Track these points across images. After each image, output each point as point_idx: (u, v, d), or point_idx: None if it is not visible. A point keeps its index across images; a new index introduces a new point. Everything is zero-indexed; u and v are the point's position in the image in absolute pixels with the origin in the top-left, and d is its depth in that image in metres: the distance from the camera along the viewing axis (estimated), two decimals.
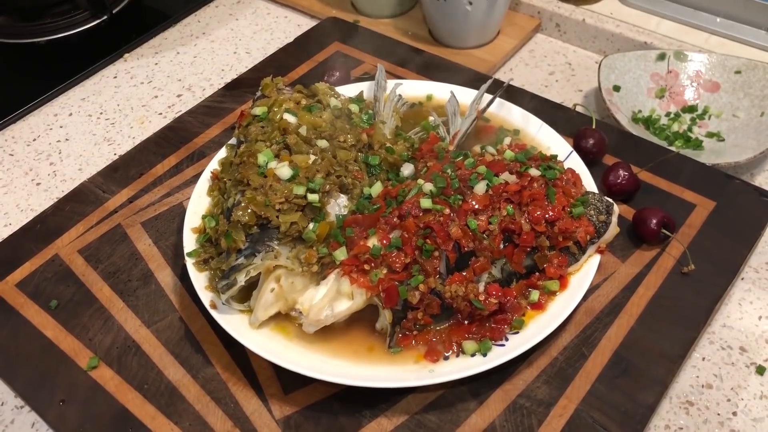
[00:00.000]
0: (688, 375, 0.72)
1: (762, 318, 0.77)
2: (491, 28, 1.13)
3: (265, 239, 0.70)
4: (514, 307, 0.69)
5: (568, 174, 0.76)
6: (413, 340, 0.68)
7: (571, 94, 1.08)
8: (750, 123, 0.96)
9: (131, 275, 0.79)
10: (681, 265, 0.76)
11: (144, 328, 0.74)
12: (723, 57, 1.02)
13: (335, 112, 0.83)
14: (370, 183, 0.77)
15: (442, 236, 0.68)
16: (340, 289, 0.68)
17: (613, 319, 0.72)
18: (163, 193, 0.88)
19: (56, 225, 0.86)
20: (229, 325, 0.69)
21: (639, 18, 1.15)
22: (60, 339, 0.74)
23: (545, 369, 0.68)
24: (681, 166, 0.86)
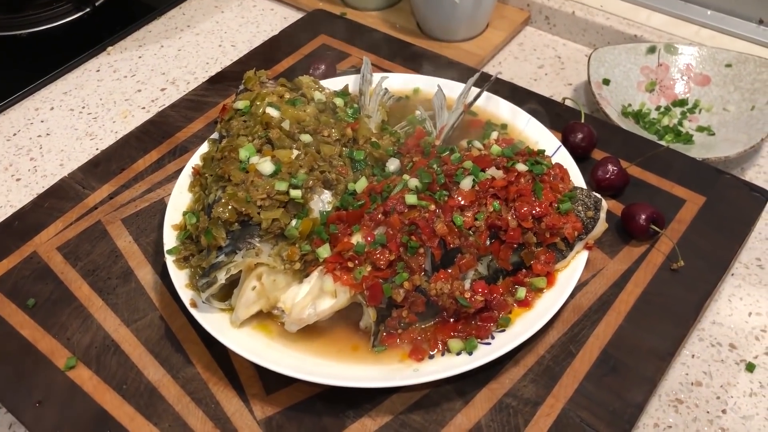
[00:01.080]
0: (677, 372, 0.71)
1: (752, 314, 0.76)
2: (480, 20, 1.11)
3: (246, 236, 0.68)
4: (500, 304, 0.68)
5: (556, 169, 0.75)
6: (398, 339, 0.67)
7: (560, 87, 1.07)
8: (741, 117, 0.95)
9: (111, 273, 0.78)
10: (670, 261, 0.75)
11: (123, 327, 0.73)
12: (714, 50, 1.01)
13: (319, 105, 0.81)
14: (355, 178, 0.76)
15: (427, 233, 0.67)
16: (324, 287, 0.66)
17: (602, 316, 0.71)
18: (144, 189, 0.87)
19: (35, 222, 0.84)
20: (209, 324, 0.67)
21: (629, 11, 1.13)
22: (37, 338, 0.73)
23: (532, 367, 0.67)
24: (671, 161, 0.85)
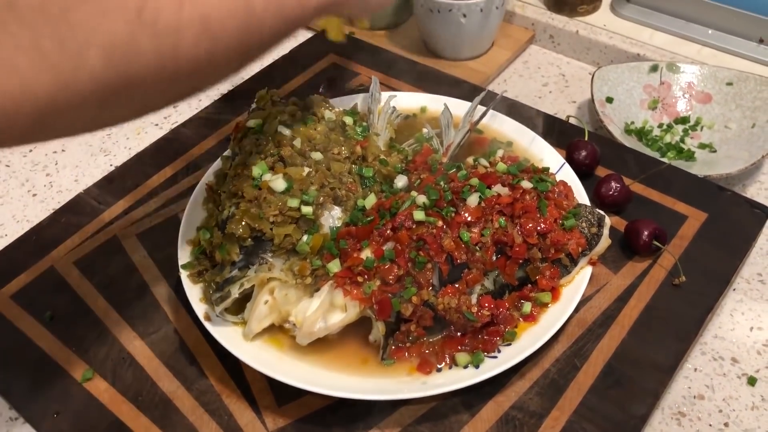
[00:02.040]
0: (680, 386, 0.72)
1: (753, 329, 0.77)
2: (485, 39, 1.14)
3: (259, 251, 0.70)
4: (506, 319, 0.70)
5: (560, 186, 0.76)
6: (406, 352, 0.69)
7: (564, 105, 1.09)
8: (742, 134, 0.97)
9: (126, 287, 0.80)
10: (672, 276, 0.76)
11: (138, 340, 0.75)
12: (715, 68, 1.03)
13: (330, 124, 0.83)
14: (364, 195, 0.78)
15: (434, 248, 0.68)
16: (334, 301, 0.68)
17: (605, 330, 0.72)
18: (158, 205, 0.89)
19: (52, 236, 0.86)
20: (222, 337, 0.69)
21: (632, 30, 1.16)
22: (54, 351, 0.75)
23: (537, 380, 0.69)
24: (673, 178, 0.86)
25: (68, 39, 0.38)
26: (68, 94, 0.40)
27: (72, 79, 0.39)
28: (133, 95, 0.45)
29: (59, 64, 0.38)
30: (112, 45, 0.40)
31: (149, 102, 0.48)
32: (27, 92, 0.38)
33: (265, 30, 0.53)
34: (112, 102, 0.44)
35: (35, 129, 0.41)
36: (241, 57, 0.52)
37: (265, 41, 0.54)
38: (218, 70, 0.51)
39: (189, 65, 0.47)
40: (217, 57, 0.49)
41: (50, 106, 0.40)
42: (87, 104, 0.42)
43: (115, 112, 0.46)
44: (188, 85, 0.50)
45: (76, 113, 0.42)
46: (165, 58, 0.44)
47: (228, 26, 0.48)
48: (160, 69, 0.44)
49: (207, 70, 0.49)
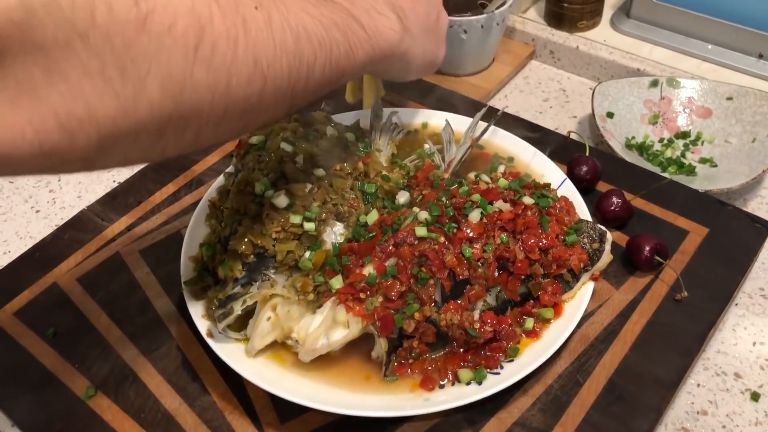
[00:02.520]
0: (683, 401, 0.72)
1: (756, 344, 0.77)
2: (486, 55, 1.15)
3: (261, 268, 0.70)
4: (509, 335, 0.70)
5: (562, 202, 0.77)
6: (409, 369, 0.69)
7: (565, 120, 1.09)
8: (742, 149, 0.97)
9: (129, 303, 0.80)
10: (674, 291, 0.76)
11: (141, 357, 0.75)
12: (715, 83, 1.03)
13: (332, 140, 0.84)
14: (366, 211, 0.78)
15: (437, 264, 0.68)
16: (336, 318, 0.68)
17: (608, 346, 0.72)
18: (161, 221, 0.89)
19: (55, 253, 0.87)
20: (225, 354, 0.69)
21: (632, 45, 1.16)
22: (57, 367, 0.75)
23: (540, 397, 0.69)
24: (674, 193, 0.87)
25: (130, 69, 0.41)
26: (128, 120, 0.42)
27: (132, 106, 0.42)
28: (187, 127, 0.47)
29: (121, 91, 0.41)
30: (170, 76, 0.43)
31: (202, 136, 0.49)
32: (91, 116, 0.41)
33: (313, 76, 0.55)
34: (167, 132, 0.46)
35: (96, 154, 0.43)
36: (289, 100, 0.54)
37: (312, 87, 0.56)
38: (267, 110, 0.53)
39: (240, 102, 0.49)
40: (267, 97, 0.51)
41: (111, 131, 0.42)
42: (144, 132, 0.44)
43: (169, 143, 0.48)
44: (239, 123, 0.52)
45: (134, 141, 0.44)
46: (218, 92, 0.47)
47: (279, 69, 0.51)
48: (213, 103, 0.47)
49: (257, 110, 0.52)
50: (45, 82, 0.39)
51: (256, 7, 0.49)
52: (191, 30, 0.44)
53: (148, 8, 0.41)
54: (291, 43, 0.51)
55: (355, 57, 0.60)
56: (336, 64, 0.57)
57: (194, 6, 0.44)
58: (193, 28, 0.44)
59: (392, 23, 0.65)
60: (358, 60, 0.60)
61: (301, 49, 0.52)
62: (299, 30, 0.52)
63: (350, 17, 0.60)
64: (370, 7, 0.63)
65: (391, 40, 0.65)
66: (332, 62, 0.57)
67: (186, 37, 0.43)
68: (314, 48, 0.54)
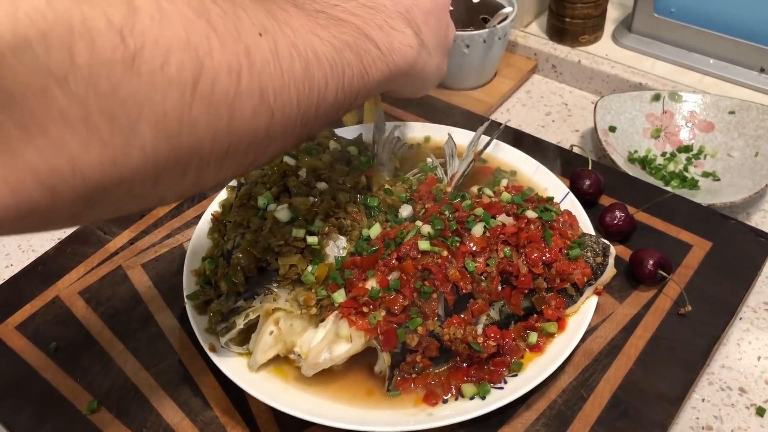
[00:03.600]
0: (687, 416, 0.72)
1: (761, 358, 0.77)
2: (488, 69, 1.15)
3: (264, 282, 0.70)
4: (512, 349, 0.69)
5: (565, 216, 0.77)
6: (412, 384, 0.69)
7: (567, 134, 1.09)
8: (745, 163, 0.97)
9: (131, 317, 0.80)
10: (678, 306, 0.76)
11: (143, 371, 0.75)
12: (717, 98, 1.03)
13: (335, 154, 0.84)
14: (369, 225, 0.78)
15: (440, 278, 0.68)
16: (339, 332, 0.68)
17: (612, 360, 0.72)
18: (163, 235, 0.89)
19: (57, 267, 0.87)
20: (227, 368, 0.69)
21: (634, 59, 1.17)
22: (59, 382, 0.74)
23: (544, 412, 0.68)
24: (677, 207, 0.86)
25: (118, 114, 0.37)
26: (118, 169, 0.38)
27: (122, 155, 0.38)
28: (186, 170, 0.42)
29: (109, 139, 0.37)
30: (165, 118, 0.39)
31: (203, 177, 0.45)
32: (75, 170, 0.36)
33: (325, 102, 0.51)
34: (164, 178, 0.41)
35: (84, 208, 0.39)
36: (299, 130, 0.50)
37: (324, 113, 0.52)
38: (275, 143, 0.49)
39: (246, 138, 0.45)
40: (275, 130, 0.47)
41: (100, 183, 0.38)
42: (138, 180, 0.40)
43: (168, 189, 0.43)
44: (244, 160, 0.47)
45: (127, 191, 0.40)
46: (220, 130, 0.42)
47: (287, 99, 0.47)
48: (214, 141, 0.42)
49: (264, 144, 0.47)
50: (20, 137, 0.34)
51: (260, 34, 0.44)
52: (188, 66, 0.39)
53: (137, 45, 0.36)
54: (300, 69, 0.47)
55: (369, 77, 0.56)
56: (349, 86, 0.54)
57: (190, 38, 0.39)
58: (190, 64, 0.39)
59: (408, 39, 0.62)
60: (373, 80, 0.57)
61: (311, 76, 0.48)
62: (308, 55, 0.48)
63: (363, 36, 0.56)
64: (384, 23, 0.60)
65: (408, 56, 0.62)
66: (345, 85, 0.53)
67: (182, 75, 0.39)
68: (325, 72, 0.50)
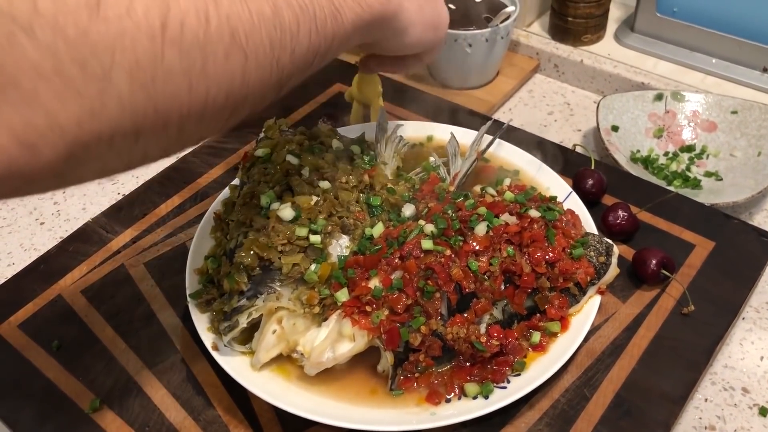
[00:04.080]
0: (690, 416, 0.72)
1: (764, 358, 0.77)
2: (491, 69, 1.15)
3: (267, 281, 0.70)
4: (515, 348, 0.69)
5: (568, 215, 0.76)
6: (415, 383, 0.68)
7: (570, 133, 1.09)
8: (747, 162, 0.97)
9: (133, 316, 0.80)
10: (681, 305, 0.76)
11: (146, 370, 0.74)
12: (719, 97, 1.03)
13: (337, 153, 0.84)
14: (372, 224, 0.78)
15: (443, 277, 0.68)
16: (342, 331, 0.68)
17: (615, 360, 0.72)
18: (166, 234, 0.89)
19: (60, 265, 0.87)
20: (230, 367, 0.69)
21: (636, 59, 1.17)
22: (61, 380, 0.74)
23: (547, 411, 0.68)
24: (680, 206, 0.86)
25: (90, 61, 0.36)
26: (97, 122, 0.37)
27: (99, 105, 0.37)
28: (167, 122, 0.42)
29: (84, 89, 0.36)
30: (138, 64, 0.38)
31: (186, 130, 0.44)
32: (53, 123, 0.35)
33: (299, 46, 0.50)
34: (145, 130, 0.41)
35: (66, 166, 0.38)
36: (276, 76, 0.49)
37: (300, 58, 0.51)
38: (254, 91, 0.48)
39: (223, 85, 0.44)
40: (251, 75, 0.46)
41: (79, 137, 0.37)
42: (119, 134, 0.39)
43: (150, 143, 0.43)
44: (224, 111, 0.47)
45: (108, 146, 0.39)
46: (195, 75, 0.42)
47: (259, 41, 0.46)
48: (191, 89, 0.42)
49: (242, 92, 0.47)
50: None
51: None
52: (154, 9, 0.39)
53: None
54: (269, 10, 0.47)
55: (342, 19, 0.55)
56: (323, 29, 0.52)
57: None
58: (156, 7, 0.39)
59: None
60: (347, 22, 0.55)
61: (281, 16, 0.48)
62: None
63: None
64: None
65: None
66: (318, 27, 0.52)
67: (149, 17, 0.38)
68: (295, 13, 0.49)
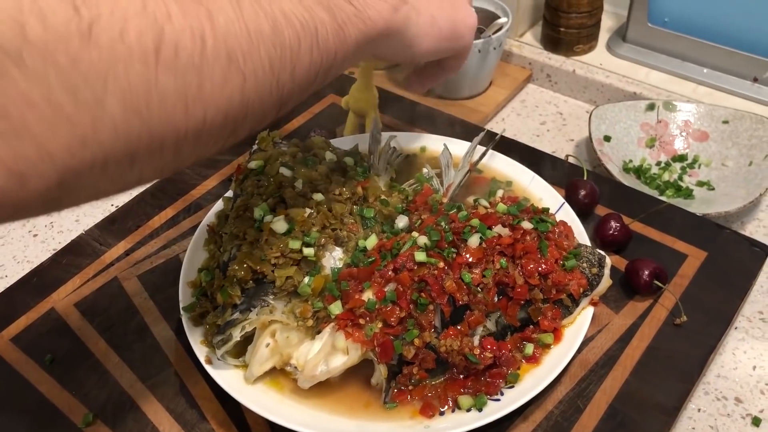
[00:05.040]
0: (684, 427, 0.72)
1: (756, 368, 0.77)
2: (483, 79, 1.15)
3: (260, 294, 0.70)
4: (509, 360, 0.69)
5: (560, 226, 0.77)
6: (409, 396, 0.68)
7: (562, 143, 1.10)
8: (739, 172, 0.98)
9: (127, 329, 0.79)
10: (674, 316, 0.76)
11: (139, 383, 0.74)
12: (711, 107, 1.04)
13: (331, 165, 0.84)
14: (365, 236, 0.78)
15: (436, 290, 0.68)
16: (335, 344, 0.68)
17: (608, 371, 0.72)
18: (159, 246, 0.89)
19: (53, 278, 0.86)
20: (224, 381, 0.69)
21: (628, 69, 1.17)
22: (54, 394, 0.74)
23: (541, 423, 0.68)
24: (672, 217, 0.87)
25: (82, 88, 0.35)
26: (89, 150, 0.37)
27: (91, 132, 0.36)
28: (163, 145, 0.41)
29: (76, 117, 0.35)
30: (131, 89, 0.37)
31: (182, 152, 0.43)
32: (43, 153, 0.35)
33: (301, 63, 0.49)
34: (139, 155, 0.40)
35: (58, 194, 0.38)
36: (277, 95, 0.48)
37: (302, 76, 0.49)
38: (254, 111, 0.47)
39: (221, 107, 0.43)
40: (250, 95, 0.45)
41: (71, 166, 0.36)
42: (112, 160, 0.38)
43: (145, 167, 0.42)
44: (224, 131, 0.45)
45: (101, 172, 0.38)
46: (191, 99, 0.41)
47: (258, 61, 0.45)
48: (188, 112, 0.41)
49: (241, 112, 0.45)
50: None
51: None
52: (147, 32, 0.38)
53: (92, 15, 0.35)
54: (267, 28, 0.45)
55: (345, 35, 0.53)
56: (324, 45, 0.50)
57: (146, 4, 0.38)
58: (149, 30, 0.38)
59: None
60: (350, 37, 0.53)
61: (280, 35, 0.46)
62: (276, 13, 0.46)
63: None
64: None
65: (383, 12, 0.57)
66: (320, 44, 0.50)
67: (143, 41, 0.37)
68: (296, 30, 0.47)
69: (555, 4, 1.16)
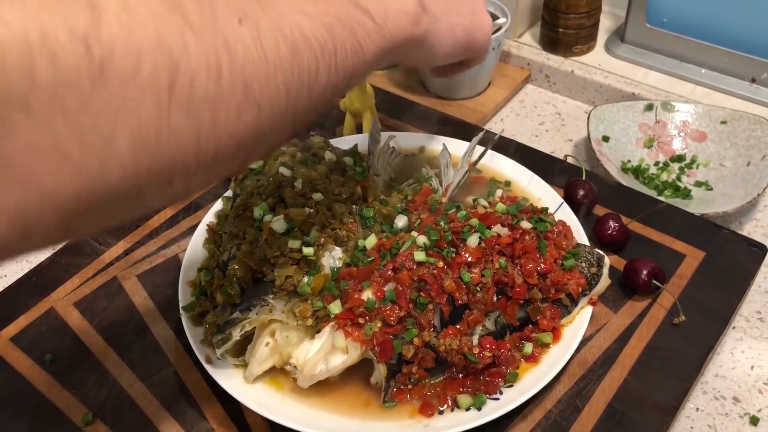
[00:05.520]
0: (682, 426, 0.72)
1: (754, 367, 0.77)
2: (482, 79, 1.16)
3: (260, 293, 0.70)
4: (508, 360, 0.69)
5: (559, 226, 0.77)
6: (408, 395, 0.69)
7: (561, 143, 1.10)
8: (737, 172, 0.98)
9: (126, 329, 0.80)
10: (672, 315, 0.77)
11: (139, 383, 0.74)
12: (709, 107, 1.04)
13: (330, 164, 0.84)
14: (365, 235, 0.78)
15: (436, 289, 0.68)
16: (335, 343, 0.68)
17: (607, 370, 0.72)
18: (159, 245, 0.89)
19: (52, 278, 0.86)
20: (223, 380, 0.69)
21: (626, 69, 1.18)
22: (54, 394, 0.74)
23: (540, 422, 0.69)
24: (670, 217, 0.87)
25: (90, 133, 0.33)
26: (96, 192, 0.35)
27: (98, 176, 0.34)
28: (172, 180, 0.39)
29: (83, 163, 0.33)
30: (141, 130, 0.35)
31: (192, 183, 0.41)
32: (46, 201, 0.33)
33: (317, 85, 0.46)
34: (147, 191, 0.38)
35: (63, 235, 0.37)
36: (291, 120, 0.46)
37: (317, 98, 0.47)
38: (267, 138, 0.45)
39: (233, 140, 0.41)
40: (264, 126, 0.43)
41: (76, 210, 0.35)
42: (119, 198, 0.37)
43: (154, 200, 0.40)
44: (234, 161, 0.43)
45: (108, 210, 0.37)
46: (203, 135, 0.39)
47: (274, 90, 0.42)
48: (199, 148, 0.39)
49: (253, 142, 0.43)
50: None
51: (240, 21, 0.40)
52: (162, 69, 0.35)
53: (104, 53, 0.33)
54: (287, 55, 0.43)
55: (364, 53, 0.51)
56: (342, 65, 0.48)
57: (162, 37, 0.35)
58: (164, 66, 0.35)
59: (404, 4, 0.56)
60: (369, 54, 0.51)
61: (299, 60, 0.44)
62: (296, 37, 0.44)
63: (355, 6, 0.50)
64: None
65: (405, 25, 0.55)
66: (338, 65, 0.48)
67: (156, 80, 0.35)
68: (315, 53, 0.45)
69: (553, 5, 1.17)
